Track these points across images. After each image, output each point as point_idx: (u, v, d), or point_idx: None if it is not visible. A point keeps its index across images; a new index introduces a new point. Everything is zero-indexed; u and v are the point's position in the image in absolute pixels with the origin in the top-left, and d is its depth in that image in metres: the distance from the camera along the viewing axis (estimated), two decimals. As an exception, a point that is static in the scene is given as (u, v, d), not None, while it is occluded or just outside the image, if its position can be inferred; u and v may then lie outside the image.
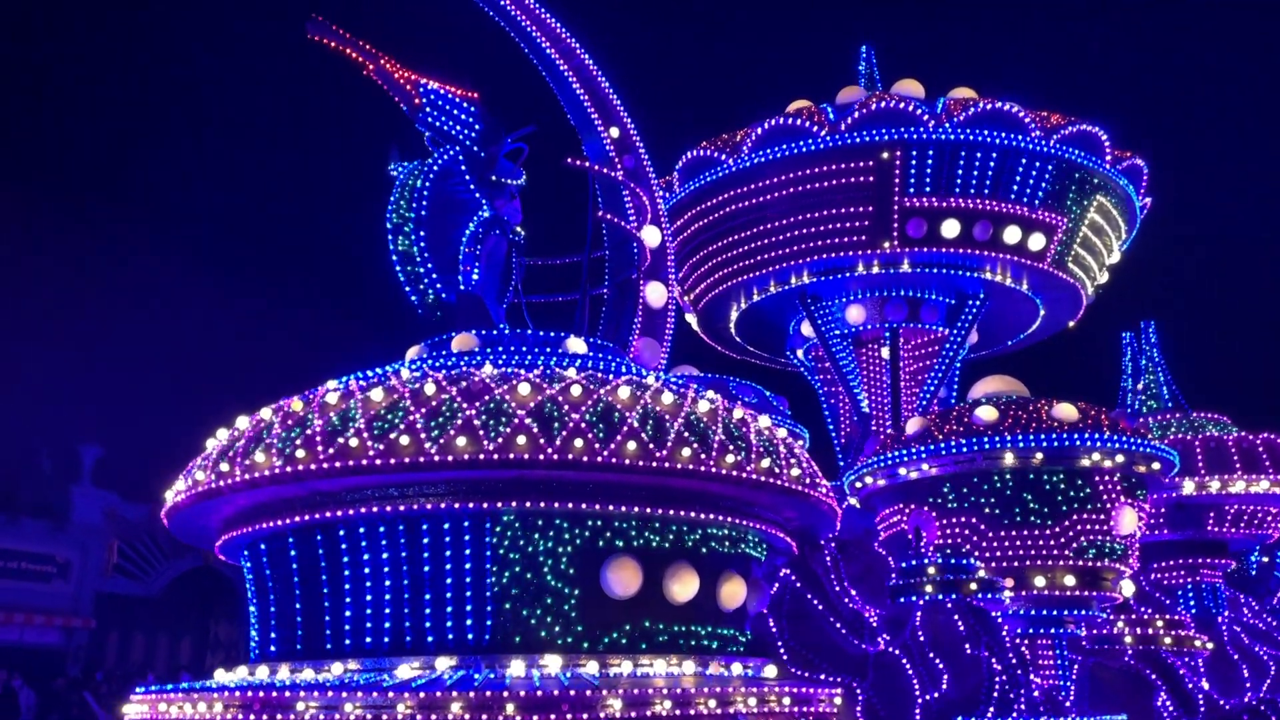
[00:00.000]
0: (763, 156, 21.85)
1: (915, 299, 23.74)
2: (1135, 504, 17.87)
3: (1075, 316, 26.02)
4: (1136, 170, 23.19)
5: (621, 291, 18.47)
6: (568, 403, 12.18)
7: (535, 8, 18.51)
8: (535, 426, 11.80)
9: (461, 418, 11.83)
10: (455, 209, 17.19)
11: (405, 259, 16.39)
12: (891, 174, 20.96)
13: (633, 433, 12.12)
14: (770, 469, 13.10)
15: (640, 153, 19.28)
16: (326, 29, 16.00)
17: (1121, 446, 17.10)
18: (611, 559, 12.47)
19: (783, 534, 14.94)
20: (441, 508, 12.06)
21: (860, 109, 20.91)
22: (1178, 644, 19.37)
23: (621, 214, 18.28)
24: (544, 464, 11.65)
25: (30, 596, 29.02)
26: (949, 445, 17.25)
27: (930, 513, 17.80)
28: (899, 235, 21.32)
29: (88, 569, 30.48)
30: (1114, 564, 17.60)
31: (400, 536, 12.44)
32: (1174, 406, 26.16)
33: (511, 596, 12.24)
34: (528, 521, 12.31)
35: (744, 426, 13.46)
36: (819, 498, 14.00)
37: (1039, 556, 17.14)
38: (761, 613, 15.25)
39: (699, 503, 13.06)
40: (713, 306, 25.95)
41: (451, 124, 17.30)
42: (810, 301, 24.12)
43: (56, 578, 29.85)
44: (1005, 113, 20.78)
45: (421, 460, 11.56)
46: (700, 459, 12.38)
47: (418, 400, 12.15)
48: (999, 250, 21.71)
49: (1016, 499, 17.17)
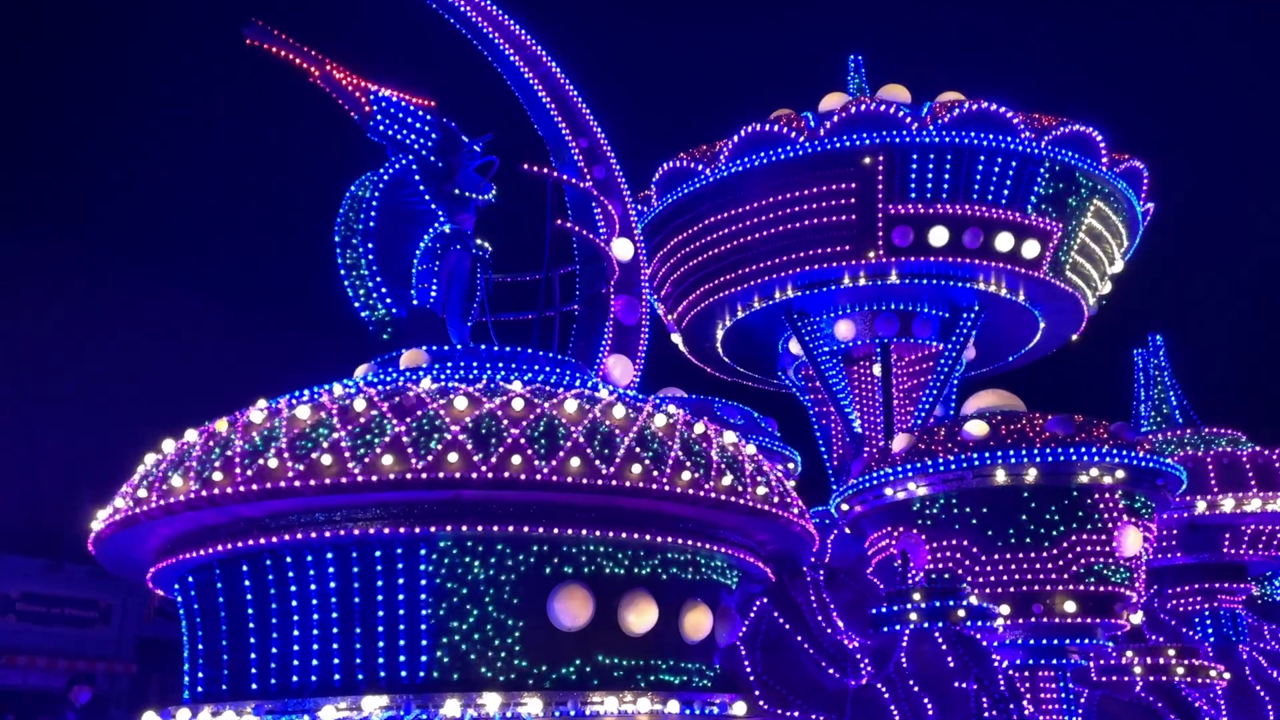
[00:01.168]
0: (741, 165, 21.22)
1: (907, 312, 22.94)
2: (1140, 524, 16.93)
3: (1078, 330, 25.15)
4: (1136, 173, 22.42)
5: (591, 307, 17.88)
6: (508, 417, 11.45)
7: (496, 12, 18.06)
8: (470, 443, 11.05)
9: (390, 435, 11.10)
10: (409, 221, 16.60)
11: (353, 273, 15.80)
12: (875, 180, 20.27)
13: (577, 449, 11.36)
14: (732, 487, 12.30)
15: (611, 163, 18.73)
16: (266, 33, 15.50)
17: (1121, 461, 16.20)
18: (560, 587, 11.68)
19: (756, 559, 14.10)
20: (371, 533, 11.29)
21: (840, 113, 20.28)
22: (1192, 674, 18.30)
23: (591, 227, 17.72)
24: (479, 483, 10.89)
25: (72, 642, 28.87)
26: (936, 463, 16.40)
27: (920, 536, 16.91)
28: (884, 244, 20.59)
29: (129, 614, 30.33)
30: (1118, 588, 16.63)
31: (328, 566, 11.67)
32: (1185, 422, 25.18)
33: (449, 629, 11.44)
34: (466, 547, 11.53)
35: (705, 442, 12.68)
36: (789, 519, 13.16)
37: (1037, 581, 16.21)
38: (733, 645, 14.38)
39: (656, 525, 12.25)
40: (697, 325, 25.23)
41: (405, 133, 16.74)
42: (797, 317, 23.37)
43: (99, 623, 29.77)
44: (993, 114, 20.10)
45: (344, 481, 10.83)
46: (652, 476, 11.60)
47: (345, 417, 11.44)
48: (991, 258, 20.93)
49: (1011, 519, 16.27)
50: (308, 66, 16.16)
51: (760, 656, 14.36)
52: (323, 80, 16.40)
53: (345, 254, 15.92)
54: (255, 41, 15.61)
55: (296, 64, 16.11)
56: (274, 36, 15.63)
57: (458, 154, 17.63)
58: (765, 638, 14.80)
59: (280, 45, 15.75)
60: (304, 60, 16.06)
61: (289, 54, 15.90)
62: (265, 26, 15.54)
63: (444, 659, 11.35)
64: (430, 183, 16.91)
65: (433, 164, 16.97)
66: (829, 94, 23.27)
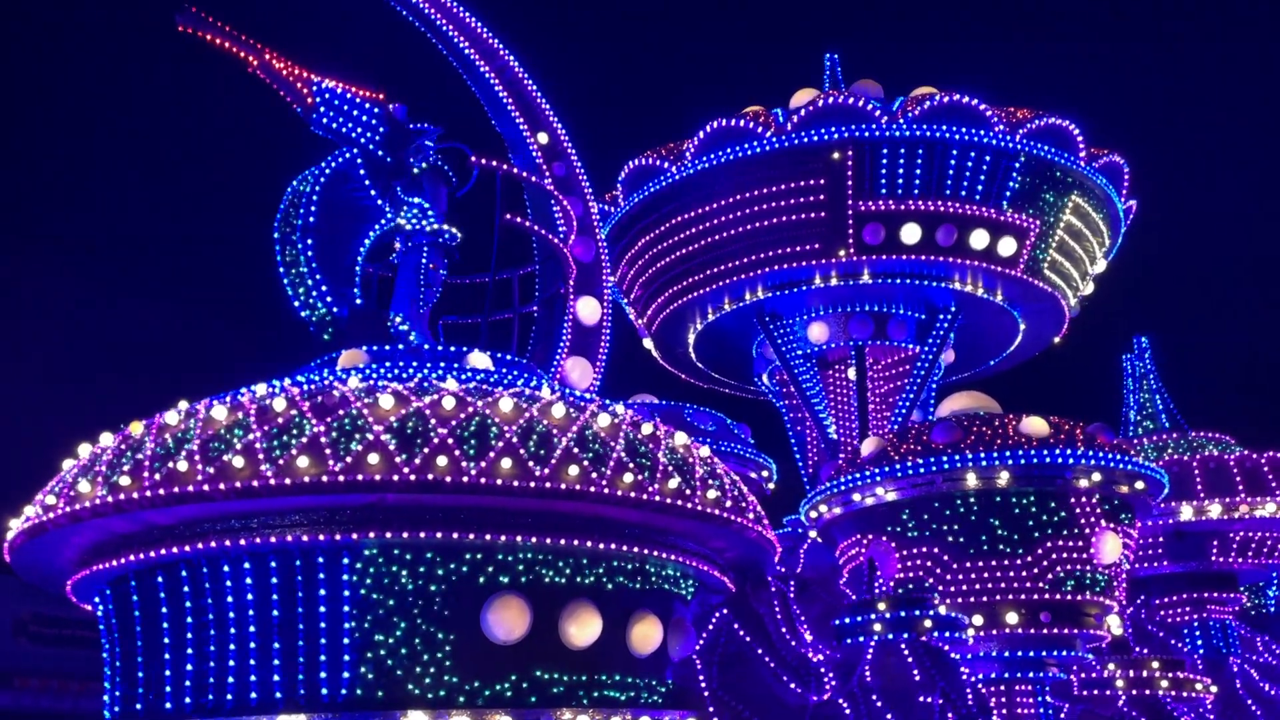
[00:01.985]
0: (707, 162, 20.73)
1: (881, 314, 22.43)
2: (1119, 529, 16.37)
3: (1060, 332, 24.65)
4: (1115, 168, 21.97)
5: (550, 308, 17.36)
6: (436, 417, 10.86)
7: (452, 6, 17.60)
8: (394, 443, 10.46)
9: (308, 435, 10.51)
10: (352, 216, 16.06)
11: (292, 271, 15.23)
12: (844, 176, 19.78)
13: (510, 449, 10.78)
14: (679, 490, 11.71)
15: (572, 160, 18.25)
16: (199, 20, 14.94)
17: (1098, 463, 15.65)
18: (494, 598, 11.10)
19: (713, 568, 13.50)
20: (289, 541, 10.69)
21: (808, 107, 19.81)
22: (1177, 688, 17.71)
23: (551, 225, 17.23)
24: (401, 486, 10.30)
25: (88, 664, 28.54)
26: (905, 466, 15.84)
27: (889, 543, 16.32)
28: (855, 242, 20.09)
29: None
30: (1097, 597, 16.05)
31: (245, 576, 11.05)
32: (1171, 426, 24.69)
33: (374, 644, 10.82)
34: (393, 555, 10.93)
35: (652, 443, 12.10)
36: (743, 525, 12.58)
37: (1011, 590, 15.62)
38: (688, 659, 13.75)
39: (598, 530, 11.66)
40: (668, 329, 24.69)
41: (351, 125, 16.21)
42: (769, 320, 22.84)
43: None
44: (965, 107, 19.63)
45: (256, 485, 10.23)
46: (591, 478, 11.01)
47: (263, 418, 10.84)
48: (966, 256, 20.44)
49: (983, 525, 15.69)
50: (245, 55, 15.61)
51: (718, 671, 13.75)
52: (262, 70, 15.85)
53: (284, 251, 15.38)
54: (188, 28, 15.06)
55: (233, 52, 15.58)
56: (207, 23, 15.08)
57: (407, 149, 17.17)
58: (724, 651, 14.19)
59: (215, 32, 15.20)
60: (241, 49, 15.51)
61: (225, 42, 15.35)
62: (198, 12, 15.00)
63: (368, 675, 10.74)
64: (376, 177, 16.38)
65: (380, 158, 16.45)
66: (800, 90, 22.80)
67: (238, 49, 15.53)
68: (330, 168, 15.76)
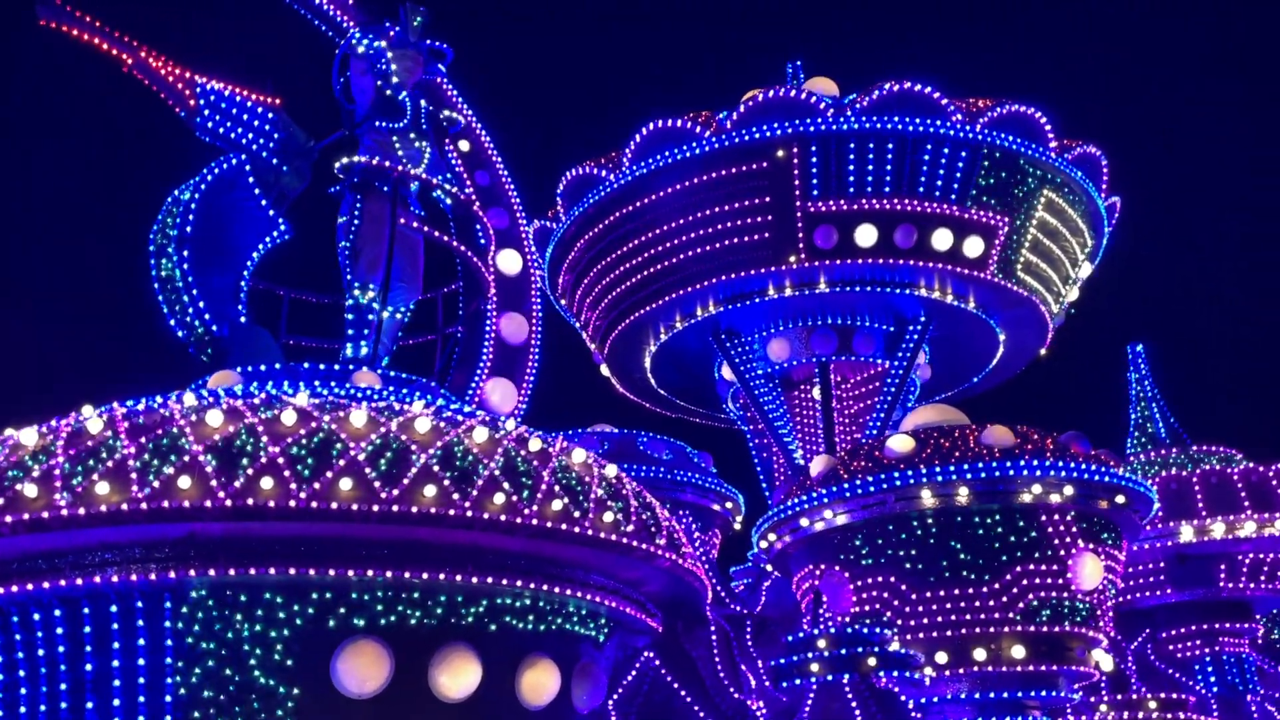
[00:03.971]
0: (645, 167, 19.65)
1: (846, 327, 21.18)
2: (1101, 551, 14.91)
3: (1044, 342, 23.29)
4: (1091, 161, 20.74)
5: (472, 326, 16.24)
6: (270, 434, 9.64)
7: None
8: (212, 465, 9.24)
9: (115, 458, 9.30)
10: (240, 227, 15.05)
11: (167, 287, 14.16)
12: (790, 175, 18.64)
13: (352, 468, 9.55)
14: (564, 513, 10.41)
15: (497, 168, 17.32)
16: (61, 12, 13.94)
17: (1069, 475, 14.24)
18: (346, 644, 9.91)
19: (630, 606, 12.17)
20: (97, 583, 9.42)
21: (748, 103, 18.74)
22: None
23: (471, 238, 16.25)
24: (216, 513, 9.08)
25: None
26: (853, 486, 14.47)
27: (842, 573, 14.89)
28: (806, 247, 18.90)
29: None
30: (1078, 628, 14.53)
31: (57, 625, 9.82)
32: (1171, 440, 23.16)
33: (202, 701, 9.61)
34: (225, 597, 9.71)
35: (538, 461, 10.83)
36: (649, 553, 11.27)
37: (978, 622, 14.14)
38: (600, 710, 12.32)
39: (475, 563, 10.40)
40: (621, 351, 23.47)
41: (239, 130, 15.23)
42: (725, 337, 21.61)
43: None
44: (918, 96, 18.50)
45: (46, 516, 8.99)
46: (452, 500, 9.73)
47: (73, 441, 9.67)
48: (929, 259, 19.19)
49: (943, 549, 14.27)
50: (118, 53, 14.62)
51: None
52: (138, 69, 14.85)
53: (159, 264, 14.33)
54: (51, 22, 14.09)
55: (105, 50, 14.61)
56: (72, 16, 14.09)
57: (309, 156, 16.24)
58: (647, 700, 12.77)
59: (82, 27, 14.18)
60: (113, 46, 14.49)
61: (93, 38, 14.35)
62: (60, 5, 14.00)
63: (195, 738, 9.40)
64: (267, 185, 15.42)
65: (272, 165, 15.49)
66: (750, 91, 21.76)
67: (110, 46, 14.53)
68: (213, 174, 14.78)
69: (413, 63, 15.66)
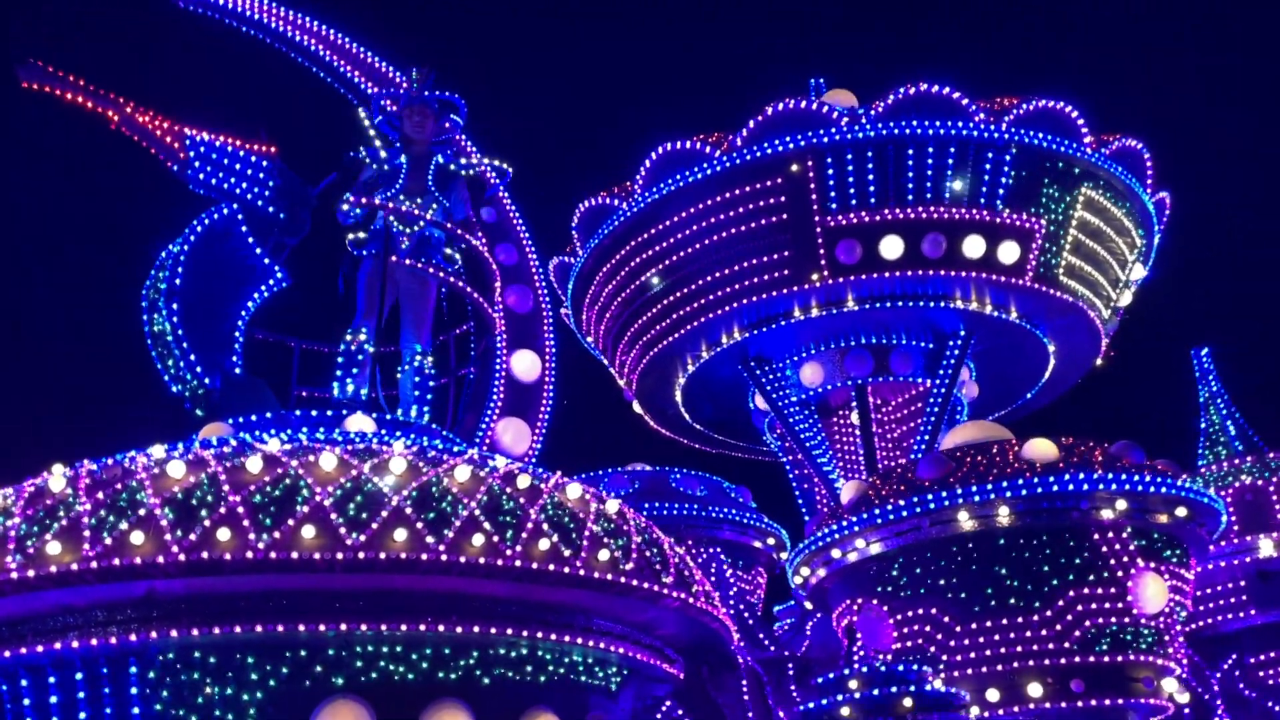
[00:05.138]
0: (657, 193, 19.17)
1: (881, 346, 20.30)
2: (1164, 569, 13.74)
3: (1099, 352, 22.08)
4: (1132, 155, 19.70)
5: (483, 366, 15.94)
6: (232, 482, 9.23)
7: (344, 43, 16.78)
8: (168, 518, 8.83)
9: (70, 516, 8.95)
10: (231, 277, 14.94)
11: (160, 342, 14.03)
12: (806, 189, 17.98)
13: (317, 514, 9.06)
14: (552, 552, 9.79)
15: (505, 204, 17.11)
16: (43, 74, 14.03)
17: (1120, 487, 13.16)
18: (325, 704, 9.35)
19: (644, 651, 11.45)
20: (56, 649, 9.04)
21: (757, 117, 18.18)
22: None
23: (479, 276, 16.07)
24: (172, 569, 8.63)
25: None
26: (885, 511, 13.57)
27: (880, 607, 13.95)
28: (828, 263, 18.16)
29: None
30: (1144, 656, 13.35)
31: (24, 695, 9.45)
32: (1246, 448, 21.66)
33: (173, 771, 9.00)
34: (193, 660, 9.28)
35: (525, 499, 10.26)
36: (652, 593, 10.58)
37: (1031, 654, 13.06)
38: (614, 766, 11.55)
39: (461, 611, 9.84)
40: (651, 387, 22.88)
41: (233, 180, 15.20)
42: (755, 364, 20.89)
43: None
44: (936, 97, 17.75)
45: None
46: (425, 544, 9.19)
47: (33, 501, 9.38)
48: (962, 268, 18.28)
49: (986, 575, 13.27)
50: (103, 111, 14.71)
51: (656, 779, 11.52)
52: (125, 125, 14.91)
53: (152, 320, 14.27)
54: (33, 84, 14.19)
55: (91, 108, 14.69)
56: (54, 77, 14.18)
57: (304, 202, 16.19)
58: (669, 753, 11.96)
59: (64, 87, 14.25)
60: (98, 104, 14.57)
61: (77, 96, 14.43)
62: (42, 66, 14.09)
63: (166, 812, 8.91)
64: (262, 233, 15.35)
65: (268, 213, 15.45)
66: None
67: (95, 104, 14.62)
68: (203, 225, 14.72)
69: (421, 117, 15.54)
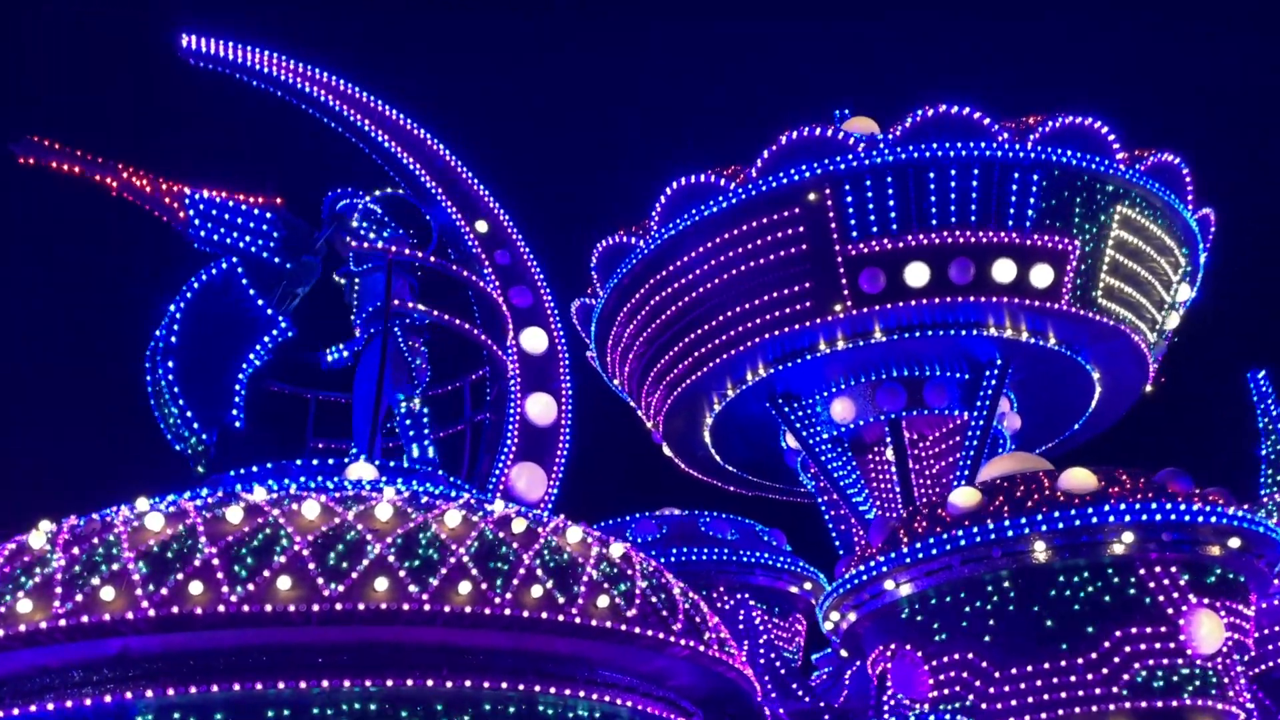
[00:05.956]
0: (674, 228, 18.87)
1: (913, 379, 19.64)
2: (1220, 605, 12.85)
3: (1147, 377, 21.16)
4: (1169, 170, 18.96)
5: (497, 410, 15.81)
6: (209, 534, 8.98)
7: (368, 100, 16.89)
8: (141, 572, 8.57)
9: (45, 573, 8.74)
10: (232, 331, 14.94)
11: (160, 399, 14.03)
12: (825, 218, 17.54)
13: (295, 564, 8.75)
14: (546, 600, 9.36)
15: (518, 246, 17.10)
16: (39, 149, 14.30)
17: (1165, 518, 12.37)
18: None
19: (656, 704, 10.94)
20: (32, 712, 8.78)
21: (772, 147, 17.83)
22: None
23: (491, 320, 16.03)
24: (143, 625, 8.36)
25: None
26: (913, 550, 12.91)
27: (915, 652, 13.22)
28: (851, 293, 17.63)
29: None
30: (1203, 701, 12.43)
31: (6, 761, 9.13)
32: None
33: (151, 840, 8.63)
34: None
35: (519, 544, 9.87)
36: (657, 640, 10.08)
37: (1076, 700, 12.23)
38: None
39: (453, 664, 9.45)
40: (679, 428, 22.40)
41: (235, 234, 15.37)
42: (783, 400, 20.34)
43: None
44: (955, 118, 17.25)
45: (-34, 641, 8.41)
46: (408, 593, 8.82)
47: (12, 559, 9.25)
48: (992, 293, 17.64)
49: (1024, 615, 12.50)
50: (102, 178, 14.93)
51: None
52: (124, 190, 15.16)
53: (153, 379, 14.33)
54: (29, 159, 14.45)
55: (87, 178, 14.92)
56: (50, 150, 14.45)
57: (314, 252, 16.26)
58: (687, 814, 11.31)
59: (60, 158, 14.56)
60: (95, 171, 14.81)
61: (74, 167, 14.69)
62: (37, 142, 14.34)
63: None
64: (267, 285, 15.40)
65: (274, 265, 15.56)
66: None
67: (92, 172, 14.85)
68: (200, 281, 14.77)
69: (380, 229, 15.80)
